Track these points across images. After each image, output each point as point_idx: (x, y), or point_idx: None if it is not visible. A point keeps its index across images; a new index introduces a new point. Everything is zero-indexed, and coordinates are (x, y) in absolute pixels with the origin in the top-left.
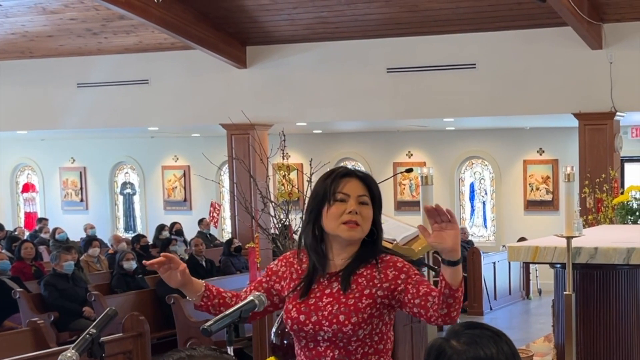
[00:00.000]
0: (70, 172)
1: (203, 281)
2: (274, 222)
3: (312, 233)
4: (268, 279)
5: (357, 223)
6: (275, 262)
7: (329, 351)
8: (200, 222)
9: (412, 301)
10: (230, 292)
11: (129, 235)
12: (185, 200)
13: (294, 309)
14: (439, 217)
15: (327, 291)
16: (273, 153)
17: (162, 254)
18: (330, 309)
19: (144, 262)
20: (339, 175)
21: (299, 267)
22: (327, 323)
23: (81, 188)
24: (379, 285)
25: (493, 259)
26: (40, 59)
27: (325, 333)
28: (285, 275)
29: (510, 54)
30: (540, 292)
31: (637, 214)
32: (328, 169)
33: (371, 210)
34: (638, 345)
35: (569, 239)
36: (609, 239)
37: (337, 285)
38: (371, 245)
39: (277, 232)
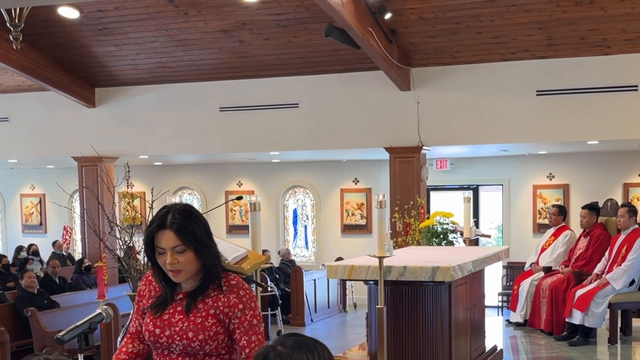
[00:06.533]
0: None
1: None
2: (119, 244)
3: (154, 267)
4: (138, 300)
5: (179, 270)
6: (140, 283)
7: (180, 359)
8: (54, 243)
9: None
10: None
11: None
12: (41, 224)
13: (151, 323)
14: None
15: (179, 309)
16: (119, 182)
17: None
18: (181, 325)
19: None
20: (154, 230)
21: (156, 285)
22: (178, 338)
23: None
24: (222, 307)
25: (314, 276)
26: None
27: (177, 346)
28: (144, 294)
29: (329, 95)
30: (355, 305)
31: (441, 236)
32: (166, 198)
33: (191, 252)
34: (442, 352)
35: (380, 258)
36: (417, 258)
37: None
38: (212, 270)
39: (122, 253)
